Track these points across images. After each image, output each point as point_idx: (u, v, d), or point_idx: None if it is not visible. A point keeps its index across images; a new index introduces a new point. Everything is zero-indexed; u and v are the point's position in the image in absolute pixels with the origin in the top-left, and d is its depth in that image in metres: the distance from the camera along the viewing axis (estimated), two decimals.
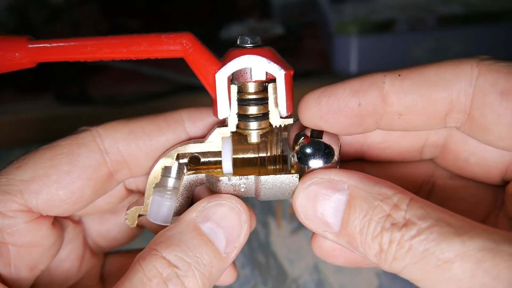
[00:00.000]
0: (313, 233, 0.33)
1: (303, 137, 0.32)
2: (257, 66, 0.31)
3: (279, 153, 0.35)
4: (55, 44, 0.31)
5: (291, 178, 0.32)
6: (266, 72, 0.31)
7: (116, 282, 0.28)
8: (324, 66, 0.95)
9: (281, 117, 0.32)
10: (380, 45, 0.88)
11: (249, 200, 0.72)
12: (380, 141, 0.35)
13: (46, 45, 0.31)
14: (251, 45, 0.31)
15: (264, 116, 0.32)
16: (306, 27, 1.04)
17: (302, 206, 0.30)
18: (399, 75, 0.30)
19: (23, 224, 0.31)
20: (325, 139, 0.32)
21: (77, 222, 0.38)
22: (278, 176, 0.32)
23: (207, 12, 1.11)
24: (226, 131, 0.33)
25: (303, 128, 0.33)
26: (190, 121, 0.34)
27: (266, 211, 0.69)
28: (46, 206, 0.31)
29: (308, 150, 0.31)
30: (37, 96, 0.92)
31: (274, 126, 0.33)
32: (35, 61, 0.31)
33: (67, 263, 0.36)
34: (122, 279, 0.28)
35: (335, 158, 0.31)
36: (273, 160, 0.35)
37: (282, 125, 0.32)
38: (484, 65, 0.29)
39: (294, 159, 0.32)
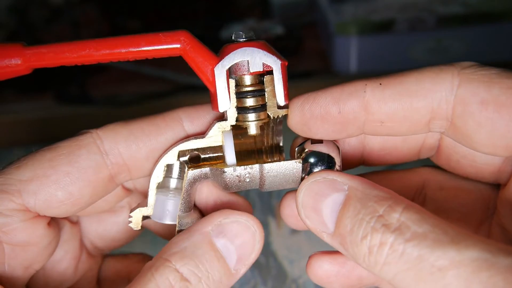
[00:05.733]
0: (309, 260, 0.34)
1: (304, 149, 0.33)
2: (254, 58, 0.32)
3: (276, 144, 0.35)
4: (51, 49, 0.30)
5: (294, 164, 0.32)
6: (263, 64, 0.32)
7: (113, 286, 0.28)
8: (324, 66, 0.95)
9: (278, 108, 0.33)
10: (380, 45, 0.88)
11: (250, 200, 0.72)
12: (379, 148, 0.35)
13: (42, 50, 0.30)
14: (245, 39, 0.32)
15: (262, 107, 0.33)
16: (306, 27, 1.04)
17: (304, 202, 0.30)
18: (380, 84, 0.30)
19: (19, 222, 0.31)
20: (325, 147, 0.32)
21: (74, 222, 0.37)
22: (282, 163, 0.32)
23: (207, 12, 1.11)
24: (226, 125, 0.33)
25: (304, 140, 0.33)
26: (188, 120, 0.34)
27: (266, 211, 0.69)
28: (44, 207, 0.31)
29: (311, 160, 0.32)
30: (37, 96, 0.92)
31: (269, 119, 0.33)
32: (31, 67, 0.31)
33: (63, 264, 0.36)
34: (133, 285, 0.28)
35: (337, 167, 0.32)
36: (270, 152, 0.36)
37: (280, 116, 0.33)
38: (465, 74, 0.29)
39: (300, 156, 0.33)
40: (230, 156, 0.33)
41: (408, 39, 0.87)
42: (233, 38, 0.33)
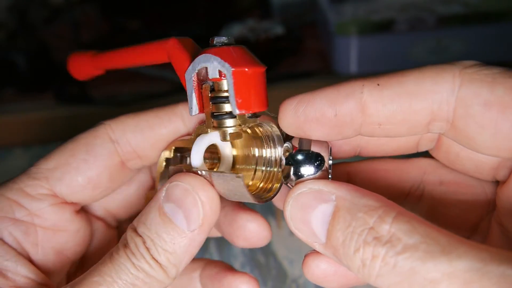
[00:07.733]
0: (305, 259, 0.33)
1: (292, 147, 0.32)
2: (211, 64, 0.32)
3: (278, 154, 0.35)
4: (111, 55, 0.39)
5: (233, 177, 0.31)
6: (219, 71, 0.31)
7: None
8: (324, 66, 0.95)
9: (248, 117, 0.32)
10: (380, 45, 0.88)
11: None
12: (375, 140, 0.35)
13: (106, 56, 0.39)
14: (220, 44, 0.32)
15: (231, 113, 0.32)
16: (306, 27, 1.04)
17: (292, 215, 0.30)
18: (378, 84, 0.29)
19: (48, 206, 0.35)
20: (314, 145, 0.31)
21: (112, 227, 0.42)
22: (222, 174, 0.31)
23: (207, 12, 1.11)
24: (204, 129, 0.34)
25: (291, 137, 0.33)
26: (187, 116, 0.37)
27: (266, 211, 0.69)
28: (69, 192, 0.36)
29: (299, 158, 0.31)
30: (37, 96, 0.92)
31: (269, 126, 0.33)
32: (102, 68, 0.40)
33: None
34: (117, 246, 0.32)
35: (326, 165, 0.31)
36: (269, 161, 0.35)
37: (249, 125, 0.32)
38: (467, 74, 0.28)
39: (283, 163, 0.32)
40: (194, 158, 0.33)
41: (408, 39, 0.87)
42: (209, 43, 0.32)
